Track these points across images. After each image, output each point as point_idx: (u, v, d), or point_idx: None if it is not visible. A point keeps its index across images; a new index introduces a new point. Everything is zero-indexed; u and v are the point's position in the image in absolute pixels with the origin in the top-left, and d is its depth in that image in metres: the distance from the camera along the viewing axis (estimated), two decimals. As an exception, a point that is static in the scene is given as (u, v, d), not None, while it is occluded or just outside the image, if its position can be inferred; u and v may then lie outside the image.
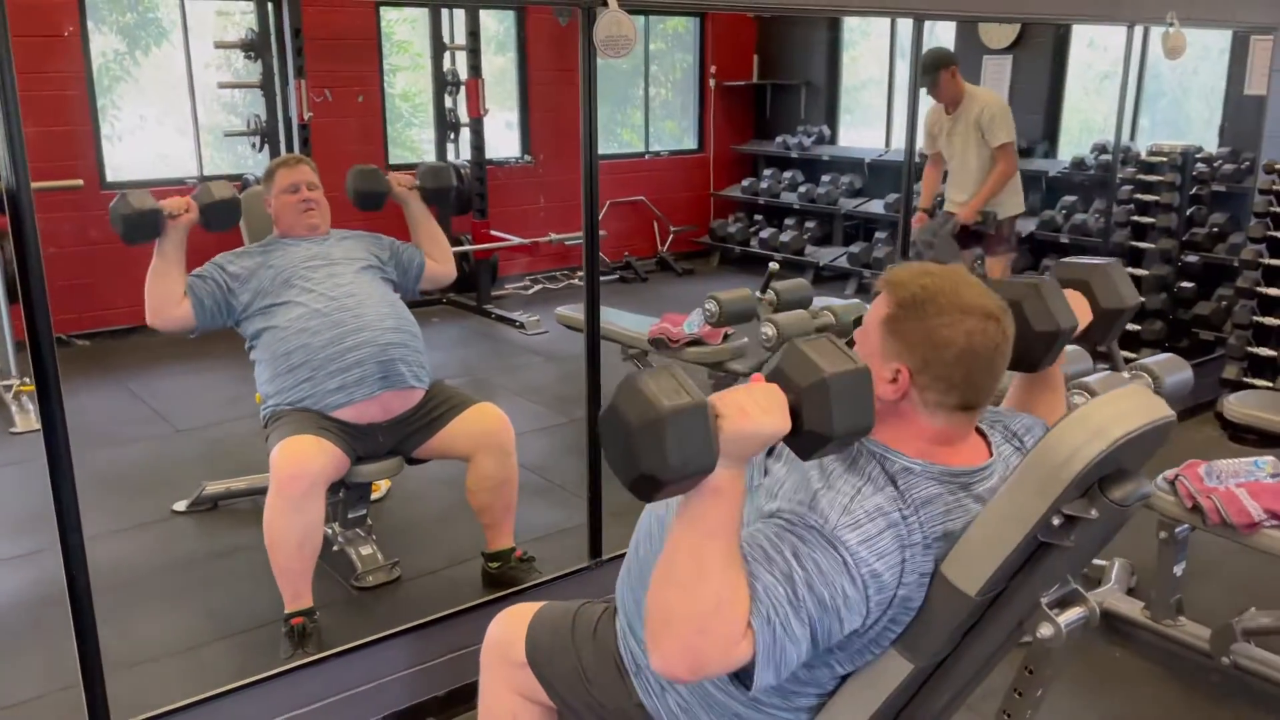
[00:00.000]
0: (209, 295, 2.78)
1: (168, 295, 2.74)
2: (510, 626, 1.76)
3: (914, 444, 1.39)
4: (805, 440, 1.24)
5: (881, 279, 1.44)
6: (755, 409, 1.21)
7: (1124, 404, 1.28)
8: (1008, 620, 1.37)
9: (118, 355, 5.41)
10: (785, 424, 1.22)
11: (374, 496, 3.35)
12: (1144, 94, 6.42)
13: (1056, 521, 1.26)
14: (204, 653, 2.68)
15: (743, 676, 1.31)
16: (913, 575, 1.32)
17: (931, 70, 4.54)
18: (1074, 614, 1.36)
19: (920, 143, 4.59)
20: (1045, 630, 1.34)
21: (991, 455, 1.45)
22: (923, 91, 4.18)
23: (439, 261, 3.11)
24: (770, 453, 1.44)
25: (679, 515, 1.26)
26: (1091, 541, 1.34)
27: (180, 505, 3.49)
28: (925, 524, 1.33)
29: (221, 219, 2.84)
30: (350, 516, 3.06)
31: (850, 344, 1.51)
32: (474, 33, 6.20)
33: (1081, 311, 1.64)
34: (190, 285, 2.77)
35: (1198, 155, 5.08)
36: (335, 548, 3.04)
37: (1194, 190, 5.03)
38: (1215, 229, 5.06)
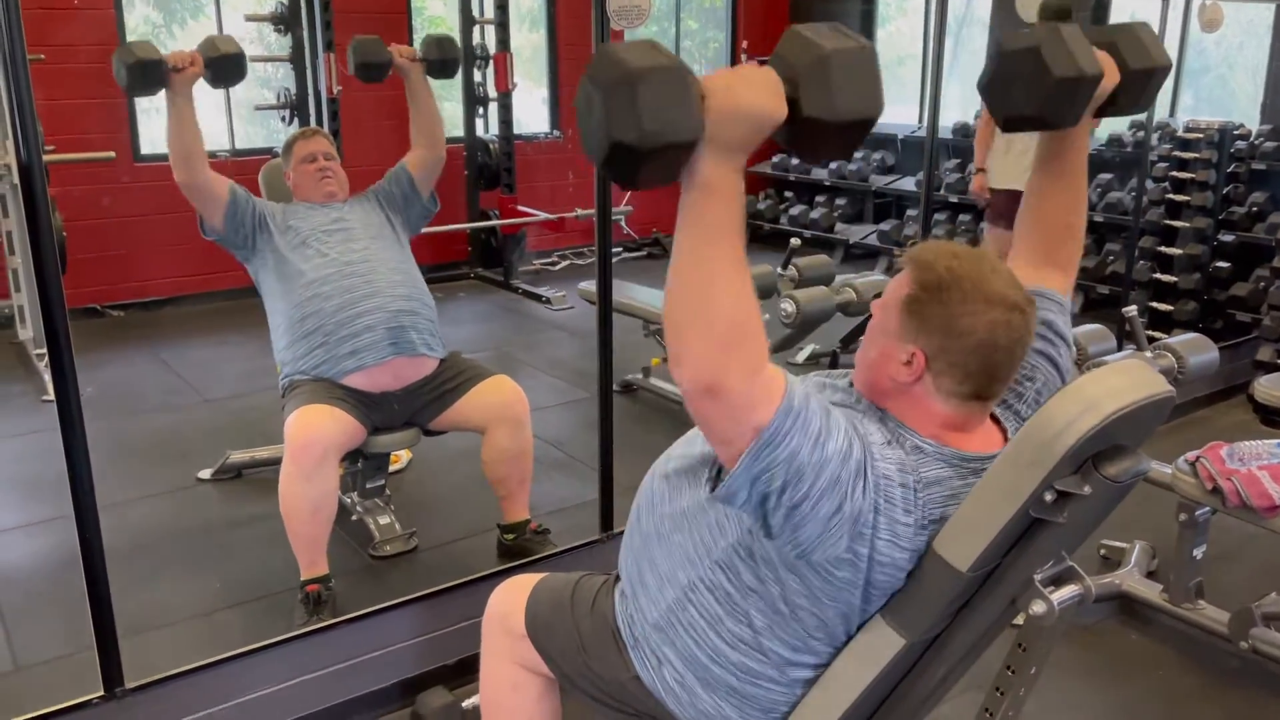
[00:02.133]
0: (246, 201, 2.79)
1: (193, 146, 2.68)
2: (511, 597, 1.75)
3: (926, 426, 1.37)
4: (804, 130, 1.13)
5: (906, 255, 1.41)
6: (743, 85, 1.13)
7: (1120, 379, 1.25)
8: (1001, 597, 1.35)
9: (150, 326, 5.51)
10: (778, 106, 1.13)
11: (394, 468, 3.38)
12: (1186, 69, 6.28)
13: (1049, 497, 1.24)
14: (219, 618, 2.73)
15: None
16: (895, 541, 1.29)
17: (1066, 17, 4.42)
18: (1068, 592, 1.33)
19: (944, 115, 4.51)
20: (1038, 608, 1.32)
21: (1006, 443, 1.41)
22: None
23: (425, 146, 3.02)
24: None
25: (679, 221, 1.17)
26: (1086, 518, 1.31)
27: (205, 473, 3.55)
28: (926, 504, 1.31)
29: (227, 74, 2.79)
30: (369, 486, 3.09)
31: (869, 318, 1.49)
32: (502, 6, 6.18)
33: (1109, 74, 1.47)
34: (234, 185, 2.78)
35: (1236, 132, 4.97)
36: (354, 517, 3.08)
37: (1232, 168, 4.92)
38: (1254, 208, 4.95)
